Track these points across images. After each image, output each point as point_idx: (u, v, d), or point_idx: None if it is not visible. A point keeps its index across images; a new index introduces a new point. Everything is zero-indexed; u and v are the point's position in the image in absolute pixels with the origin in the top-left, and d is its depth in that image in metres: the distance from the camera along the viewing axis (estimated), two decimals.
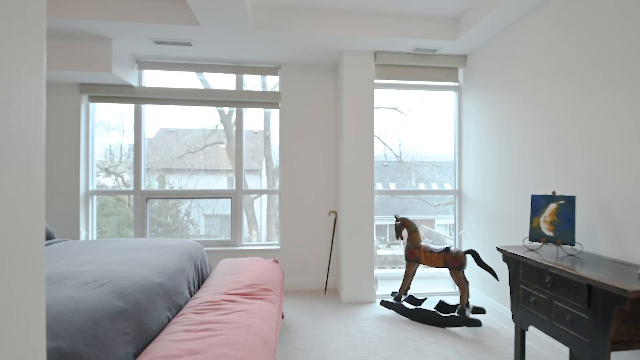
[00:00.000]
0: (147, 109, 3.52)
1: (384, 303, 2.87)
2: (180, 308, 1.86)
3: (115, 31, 2.75)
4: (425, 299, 2.86)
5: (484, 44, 2.92)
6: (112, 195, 3.57)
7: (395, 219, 2.88)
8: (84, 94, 3.28)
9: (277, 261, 2.67)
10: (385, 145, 3.84)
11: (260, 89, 3.65)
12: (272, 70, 3.48)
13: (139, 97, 3.33)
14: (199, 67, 3.40)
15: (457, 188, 3.42)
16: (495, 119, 2.78)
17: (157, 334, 1.56)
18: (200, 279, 2.35)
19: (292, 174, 3.49)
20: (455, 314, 2.55)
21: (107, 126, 3.58)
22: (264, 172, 3.81)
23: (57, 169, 3.26)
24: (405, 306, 2.75)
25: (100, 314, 1.27)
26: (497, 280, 2.51)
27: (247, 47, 3.05)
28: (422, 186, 3.93)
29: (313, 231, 3.50)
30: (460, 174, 3.39)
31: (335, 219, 3.49)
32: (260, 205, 3.91)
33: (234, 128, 3.58)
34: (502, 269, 2.65)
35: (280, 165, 3.49)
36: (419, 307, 2.69)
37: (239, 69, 3.43)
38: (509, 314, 2.55)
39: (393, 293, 2.97)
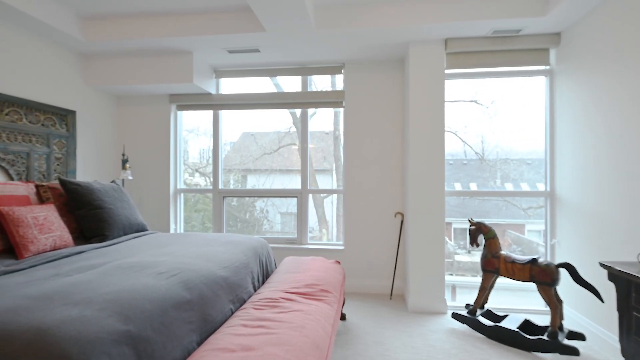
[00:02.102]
0: (228, 115, 3.84)
1: (456, 316, 2.61)
2: (244, 302, 1.95)
3: (195, 44, 3.04)
4: (506, 315, 2.51)
5: (585, 16, 2.43)
6: (195, 193, 3.98)
7: (469, 223, 2.59)
8: (173, 103, 3.71)
9: (338, 262, 2.64)
10: (464, 142, 3.49)
11: (330, 89, 3.67)
12: (336, 69, 3.46)
13: (217, 103, 3.64)
14: (267, 71, 3.58)
15: (548, 189, 2.94)
16: (601, 106, 2.30)
17: (220, 325, 1.65)
18: (265, 275, 2.45)
19: (357, 174, 3.41)
20: (545, 337, 2.17)
21: (197, 132, 4.02)
22: (334, 172, 3.84)
23: (152, 170, 3.75)
24: (481, 322, 2.45)
25: (168, 302, 1.39)
26: (602, 302, 2.07)
27: (310, 48, 3.08)
28: (508, 186, 3.48)
29: (378, 233, 3.38)
30: (553, 172, 2.90)
31: (402, 221, 3.31)
32: (332, 205, 3.94)
33: (307, 130, 3.68)
34: (607, 289, 2.17)
35: (345, 165, 3.44)
36: (498, 324, 2.37)
37: (304, 70, 3.50)
38: (618, 345, 2.07)
39: (467, 306, 2.68)
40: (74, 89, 3.23)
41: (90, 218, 2.43)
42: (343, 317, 2.69)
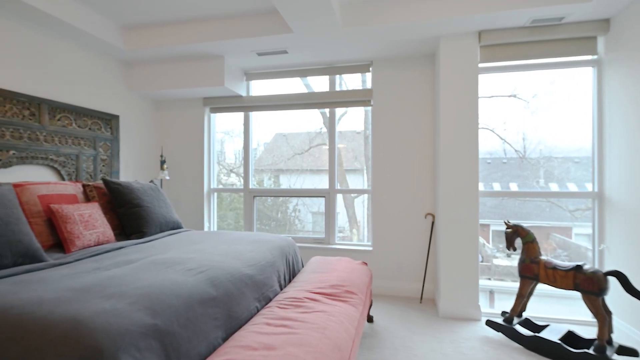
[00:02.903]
0: (261, 116, 3.94)
1: (491, 323, 2.47)
2: (269, 300, 1.98)
3: (226, 49, 3.13)
4: (547, 325, 2.34)
5: None
6: (231, 192, 4.11)
7: (505, 226, 2.44)
8: (206, 106, 3.86)
9: (365, 263, 2.60)
10: (504, 140, 3.30)
11: (361, 88, 3.62)
12: (364, 68, 3.41)
13: (247, 105, 3.73)
14: (295, 72, 3.61)
15: (596, 190, 2.69)
16: None
17: (245, 323, 1.68)
18: (292, 274, 2.47)
19: (385, 173, 3.34)
20: (591, 351, 2.00)
21: (232, 134, 4.16)
22: (365, 171, 3.81)
23: (187, 170, 3.93)
24: (517, 331, 2.30)
25: (194, 298, 1.44)
26: None
27: (338, 47, 3.06)
28: (553, 186, 3.25)
29: (408, 234, 3.28)
30: (601, 171, 2.66)
31: (433, 222, 3.19)
32: (363, 205, 3.91)
33: (335, 129, 3.68)
34: None
35: (373, 164, 3.39)
36: (537, 334, 2.21)
37: (332, 69, 3.49)
38: None
39: (503, 313, 2.53)
40: (117, 95, 3.47)
41: (130, 216, 2.59)
42: (370, 320, 2.65)
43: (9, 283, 1.42)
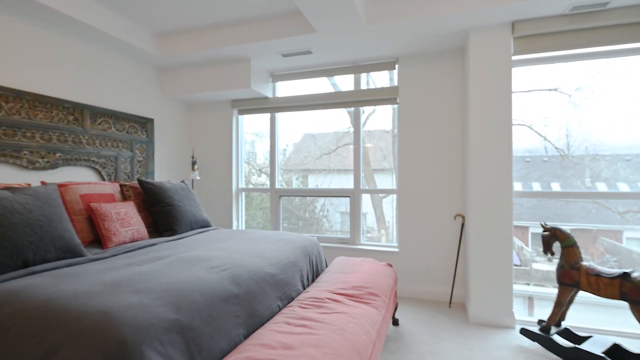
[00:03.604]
0: (290, 117, 3.99)
1: (526, 332, 2.32)
2: (292, 300, 1.99)
3: (252, 51, 3.20)
4: (590, 336, 2.16)
5: None
6: (261, 192, 4.19)
7: (542, 229, 2.29)
8: (234, 108, 3.96)
9: (390, 265, 2.54)
10: (544, 138, 3.10)
11: (388, 86, 3.55)
12: (390, 65, 3.34)
13: (273, 106, 3.78)
14: (320, 72, 3.60)
15: None
16: None
17: (267, 321, 1.71)
18: (315, 274, 2.47)
19: (413, 172, 3.25)
20: None
21: (261, 135, 4.26)
22: (394, 171, 3.76)
23: (217, 170, 4.06)
24: (555, 341, 2.15)
25: (216, 295, 1.48)
26: None
27: (362, 45, 3.01)
28: (601, 186, 3.00)
29: (436, 236, 3.17)
30: None
31: (463, 224, 3.06)
32: (392, 206, 3.85)
33: (363, 129, 3.64)
34: None
35: (399, 163, 3.31)
36: (578, 346, 2.05)
37: (357, 68, 3.45)
38: None
39: (540, 322, 2.38)
40: (152, 100, 3.65)
41: (162, 214, 2.71)
42: (396, 323, 2.60)
43: (51, 276, 1.53)
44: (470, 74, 2.72)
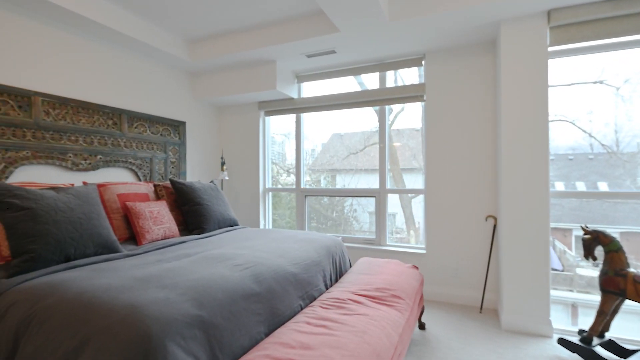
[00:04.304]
0: (318, 117, 4.01)
1: (565, 342, 2.17)
2: (314, 299, 2.00)
3: (277, 53, 3.24)
4: (637, 350, 1.98)
5: None
6: (289, 192, 4.24)
7: (583, 231, 2.13)
8: (261, 109, 4.04)
9: (416, 267, 2.48)
10: (589, 134, 2.88)
11: (417, 82, 3.47)
12: (416, 61, 3.24)
13: (298, 107, 3.81)
14: (345, 72, 3.58)
15: None
16: None
17: (288, 320, 1.72)
18: (338, 274, 2.46)
19: (441, 172, 3.14)
20: None
21: (289, 136, 4.32)
22: (424, 170, 3.67)
23: (244, 171, 4.16)
24: (597, 353, 1.99)
25: (238, 293, 1.51)
26: None
27: (387, 42, 2.96)
28: None
29: (465, 238, 3.05)
30: None
31: (495, 226, 2.91)
32: (421, 206, 3.77)
33: (390, 128, 3.59)
34: None
35: (426, 162, 3.21)
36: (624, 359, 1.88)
37: (382, 66, 3.39)
38: None
39: (581, 332, 2.21)
40: (184, 103, 3.81)
41: (192, 213, 2.83)
42: (422, 327, 2.53)
43: (89, 270, 1.65)
44: (501, 68, 2.58)
